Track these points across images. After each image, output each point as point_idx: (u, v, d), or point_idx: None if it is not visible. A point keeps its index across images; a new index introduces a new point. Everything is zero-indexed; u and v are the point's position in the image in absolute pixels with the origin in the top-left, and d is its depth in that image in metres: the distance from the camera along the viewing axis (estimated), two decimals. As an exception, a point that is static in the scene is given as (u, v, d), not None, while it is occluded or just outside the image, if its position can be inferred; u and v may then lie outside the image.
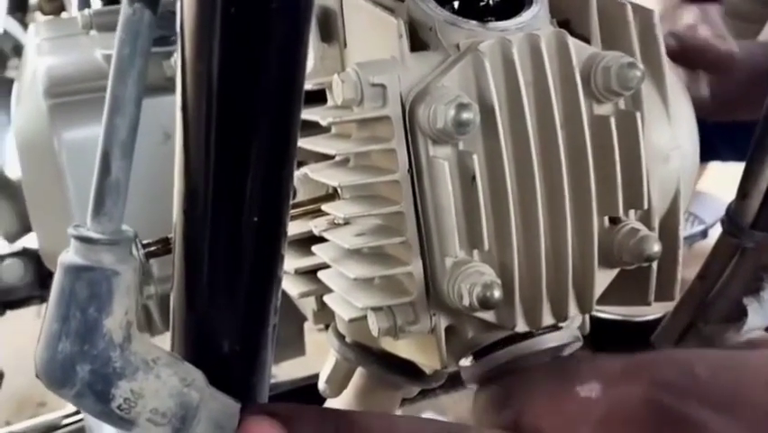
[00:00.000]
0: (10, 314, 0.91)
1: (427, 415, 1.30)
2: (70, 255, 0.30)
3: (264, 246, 0.32)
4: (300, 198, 0.46)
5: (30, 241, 0.89)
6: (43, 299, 0.90)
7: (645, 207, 0.40)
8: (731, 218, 0.54)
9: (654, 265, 0.42)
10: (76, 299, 0.29)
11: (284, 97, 0.31)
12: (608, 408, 0.34)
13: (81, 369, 0.30)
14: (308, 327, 0.92)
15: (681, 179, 0.43)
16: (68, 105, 0.61)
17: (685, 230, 0.43)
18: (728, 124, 0.83)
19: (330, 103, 0.43)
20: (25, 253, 0.87)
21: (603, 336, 0.53)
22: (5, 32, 1.05)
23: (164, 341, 0.37)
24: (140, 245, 0.36)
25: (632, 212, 0.41)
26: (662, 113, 0.42)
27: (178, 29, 0.30)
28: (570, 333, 0.43)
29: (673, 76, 0.43)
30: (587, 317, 0.44)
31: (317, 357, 0.56)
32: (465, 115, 0.35)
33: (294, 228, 0.44)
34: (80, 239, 0.29)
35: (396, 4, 0.40)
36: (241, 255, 0.32)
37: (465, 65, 0.37)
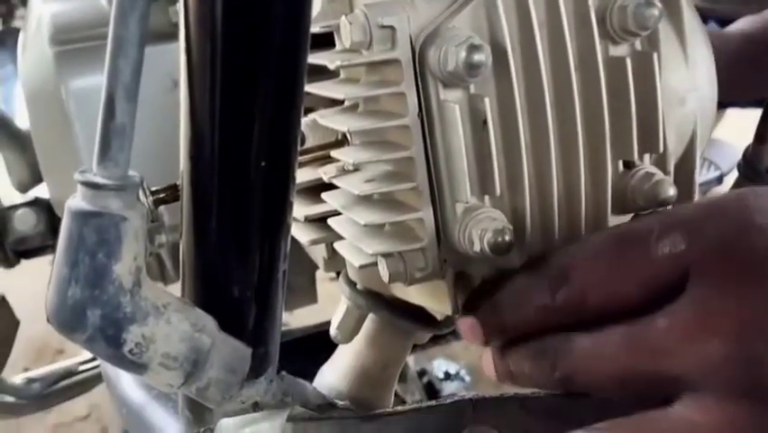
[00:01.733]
0: (26, 263, 0.92)
1: (438, 361, 1.31)
2: (77, 201, 0.30)
3: (272, 190, 0.32)
4: (309, 145, 0.46)
5: (41, 191, 0.89)
6: (56, 248, 0.91)
7: (661, 150, 0.39)
8: (748, 162, 0.53)
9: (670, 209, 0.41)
10: (84, 245, 0.29)
11: (290, 38, 0.30)
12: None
13: (92, 314, 0.30)
14: (320, 276, 0.92)
15: (698, 121, 0.42)
16: (74, 52, 0.60)
17: (700, 175, 0.43)
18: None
19: (338, 47, 0.42)
20: (37, 203, 0.88)
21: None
22: (11, -19, 1.03)
23: (177, 290, 0.37)
24: (148, 192, 0.36)
25: (646, 156, 0.40)
26: (679, 53, 0.41)
27: (180, -30, 0.29)
28: None
29: (691, 14, 0.42)
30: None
31: (329, 306, 0.57)
32: (477, 57, 0.34)
33: (303, 176, 0.43)
34: (87, 184, 0.29)
35: None
36: (249, 200, 0.32)
37: (477, 5, 0.36)
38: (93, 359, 0.93)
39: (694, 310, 0.32)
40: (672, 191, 0.39)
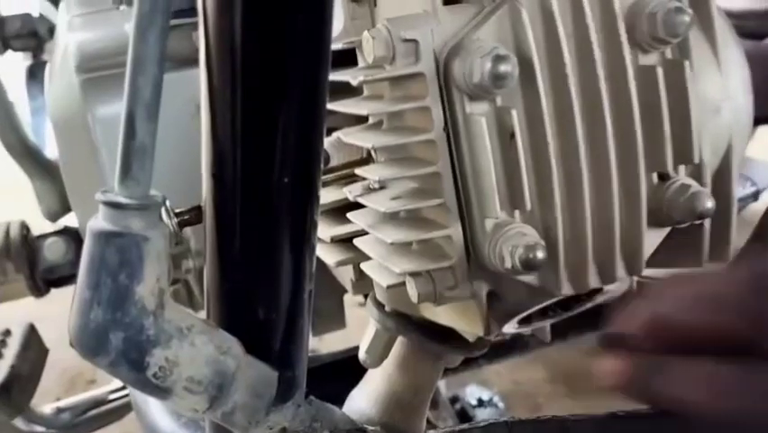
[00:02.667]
0: (57, 292, 0.93)
1: (471, 388, 1.29)
2: (99, 221, 0.29)
3: (296, 209, 0.31)
4: (334, 164, 0.45)
5: (71, 220, 0.90)
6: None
7: (696, 161, 0.38)
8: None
9: (707, 223, 0.40)
10: (106, 266, 0.29)
11: (310, 56, 0.30)
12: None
13: (114, 337, 0.29)
14: (349, 301, 0.91)
15: (734, 132, 0.41)
16: (100, 80, 0.61)
17: (737, 191, 0.41)
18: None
19: (361, 63, 0.41)
20: (66, 232, 0.88)
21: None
22: (41, 15, 1.05)
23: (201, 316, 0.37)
24: (172, 213, 0.36)
25: (681, 168, 0.39)
26: (712, 61, 0.40)
27: (200, -7, 0.29)
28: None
29: (723, 20, 0.41)
30: (634, 279, 0.42)
31: (358, 331, 0.56)
32: (503, 68, 0.33)
33: (328, 196, 0.43)
34: (108, 204, 0.29)
35: None
36: (272, 219, 0.31)
37: (502, 16, 0.36)
38: (123, 388, 0.93)
39: None
40: (709, 204, 0.37)
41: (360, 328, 0.55)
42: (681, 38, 0.37)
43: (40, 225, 0.92)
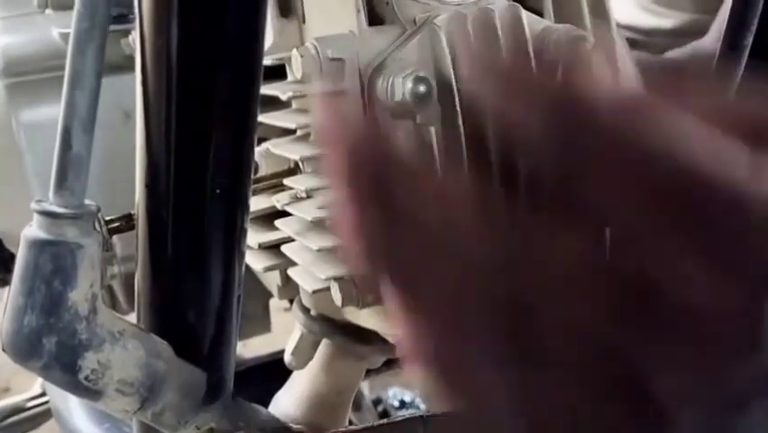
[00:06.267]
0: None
1: (393, 390, 1.31)
2: (34, 230, 0.30)
3: (227, 218, 0.33)
4: (262, 173, 0.47)
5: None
6: (6, 282, 0.89)
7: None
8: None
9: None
10: (40, 273, 0.30)
11: (242, 71, 0.31)
12: None
13: (47, 341, 0.30)
14: (274, 306, 0.92)
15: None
16: (25, 84, 0.60)
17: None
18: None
19: (290, 78, 0.43)
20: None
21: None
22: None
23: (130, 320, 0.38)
24: (103, 221, 0.37)
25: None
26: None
27: (135, 5, 0.30)
28: None
29: (623, 49, 0.45)
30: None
31: (283, 336, 0.57)
32: (422, 88, 0.36)
33: (257, 204, 0.44)
34: (43, 213, 0.30)
35: None
36: (203, 227, 0.32)
37: (422, 38, 0.38)
38: (42, 395, 0.91)
39: None
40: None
41: (284, 332, 0.56)
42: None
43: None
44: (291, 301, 0.53)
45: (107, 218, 0.38)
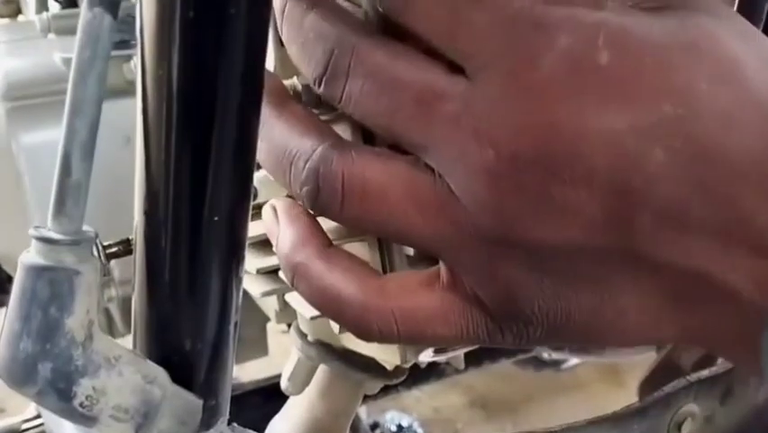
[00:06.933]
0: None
1: (391, 414, 1.31)
2: (31, 255, 0.30)
3: (225, 245, 0.33)
4: (261, 199, 0.47)
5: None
6: (2, 303, 0.89)
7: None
8: None
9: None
10: (37, 299, 0.30)
11: (243, 100, 0.32)
12: None
13: (43, 367, 0.30)
14: (271, 328, 0.92)
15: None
16: (26, 108, 0.61)
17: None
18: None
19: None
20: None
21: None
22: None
23: (126, 344, 0.38)
24: (100, 246, 0.37)
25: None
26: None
27: (137, 33, 0.30)
28: None
29: None
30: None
31: (280, 358, 0.57)
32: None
33: (255, 229, 0.44)
34: (41, 240, 0.30)
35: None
36: (201, 254, 0.33)
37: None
38: (36, 417, 0.91)
39: None
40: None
41: (281, 355, 0.56)
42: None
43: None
44: (289, 325, 0.53)
45: (105, 243, 0.38)
